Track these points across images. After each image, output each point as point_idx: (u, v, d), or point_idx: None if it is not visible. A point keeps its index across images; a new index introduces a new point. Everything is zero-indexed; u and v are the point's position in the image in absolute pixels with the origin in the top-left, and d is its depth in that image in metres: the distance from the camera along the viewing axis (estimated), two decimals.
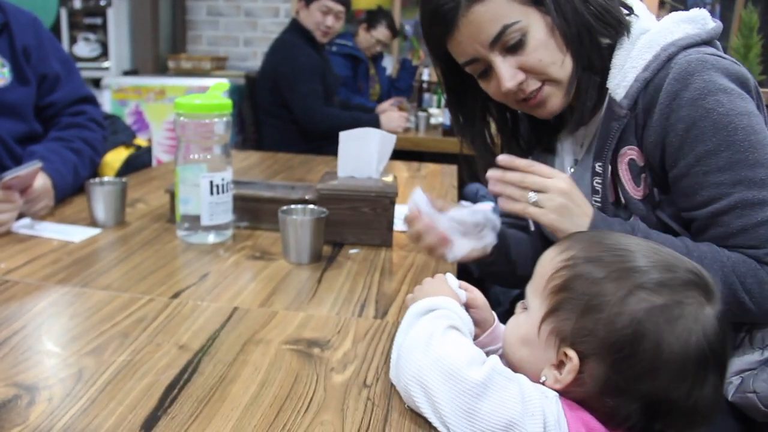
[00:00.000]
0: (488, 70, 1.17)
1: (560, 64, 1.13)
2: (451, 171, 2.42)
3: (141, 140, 2.19)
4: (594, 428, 0.76)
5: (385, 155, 1.50)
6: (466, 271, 1.75)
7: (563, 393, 0.78)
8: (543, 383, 0.79)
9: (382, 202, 1.40)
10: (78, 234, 1.40)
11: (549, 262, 0.83)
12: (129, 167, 2.02)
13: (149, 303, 1.07)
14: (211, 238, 1.40)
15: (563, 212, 1.10)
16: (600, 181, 1.18)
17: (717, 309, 0.76)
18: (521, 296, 1.06)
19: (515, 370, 0.85)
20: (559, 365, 0.78)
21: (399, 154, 2.72)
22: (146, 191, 1.79)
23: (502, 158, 1.14)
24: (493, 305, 1.23)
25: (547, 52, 1.12)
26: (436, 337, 0.79)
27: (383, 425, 0.76)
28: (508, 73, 1.12)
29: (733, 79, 1.08)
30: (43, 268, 1.20)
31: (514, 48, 1.12)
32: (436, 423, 0.75)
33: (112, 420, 0.74)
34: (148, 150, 2.18)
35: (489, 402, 0.73)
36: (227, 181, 1.38)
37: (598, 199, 1.19)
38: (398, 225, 1.53)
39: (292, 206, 1.35)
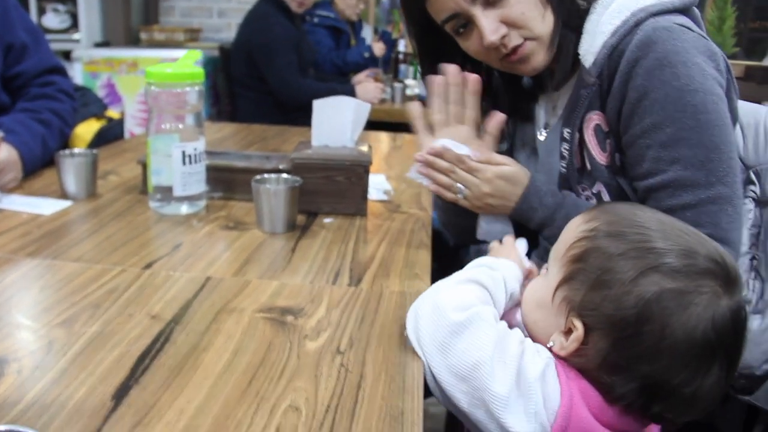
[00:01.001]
0: (469, 27, 1.15)
1: (542, 18, 1.13)
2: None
3: (113, 112, 2.16)
4: (590, 396, 0.77)
5: (359, 124, 1.48)
6: (441, 240, 1.75)
7: (567, 361, 0.79)
8: (551, 348, 0.80)
9: (357, 170, 1.39)
10: (48, 207, 1.37)
11: (573, 230, 0.84)
12: (101, 139, 1.99)
13: (121, 274, 1.06)
14: (184, 208, 1.38)
15: (486, 208, 1.22)
16: (567, 147, 1.18)
17: (734, 300, 0.75)
18: None
19: (530, 331, 0.88)
20: (567, 332, 0.79)
21: (375, 126, 2.71)
22: (118, 163, 1.77)
23: (432, 148, 1.21)
24: None
25: (529, 5, 1.12)
26: (452, 281, 0.88)
27: (356, 391, 0.76)
28: (490, 27, 1.11)
29: (699, 53, 1.06)
30: (12, 241, 1.18)
31: (496, 0, 1.11)
32: (417, 350, 0.81)
33: (83, 391, 0.73)
34: (120, 122, 2.14)
35: (464, 341, 0.77)
36: (200, 151, 1.37)
37: (565, 165, 1.19)
38: (373, 194, 1.53)
39: (266, 175, 1.34)
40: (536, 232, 1.20)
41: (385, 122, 3.32)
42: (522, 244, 1.04)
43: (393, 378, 0.79)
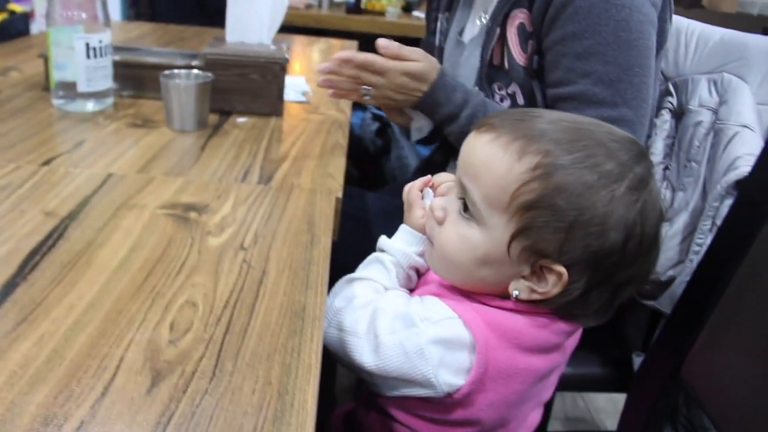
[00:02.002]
0: None
1: None
2: (351, 46, 2.34)
3: (16, 6, 2.02)
4: (511, 331, 0.74)
5: (276, 20, 1.42)
6: (362, 147, 1.72)
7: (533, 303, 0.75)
8: (516, 297, 0.74)
9: (273, 68, 1.33)
10: None
11: (507, 171, 0.70)
12: (2, 34, 1.86)
13: (15, 170, 0.99)
14: (90, 105, 1.31)
15: (390, 103, 1.18)
16: (488, 42, 1.15)
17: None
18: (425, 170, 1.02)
19: (469, 288, 0.79)
20: (532, 276, 0.73)
21: (300, 31, 2.62)
22: (22, 59, 1.66)
23: (341, 55, 1.15)
24: (387, 180, 1.21)
25: None
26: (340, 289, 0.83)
27: (258, 286, 0.73)
28: None
29: None
30: None
31: None
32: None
33: None
34: (24, 16, 2.00)
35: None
36: (105, 44, 1.28)
37: (484, 61, 1.17)
38: (290, 95, 1.47)
39: (176, 71, 1.27)
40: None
41: (311, 28, 3.22)
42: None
43: (297, 274, 0.76)
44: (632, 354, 1.29)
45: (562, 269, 0.70)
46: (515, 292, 0.74)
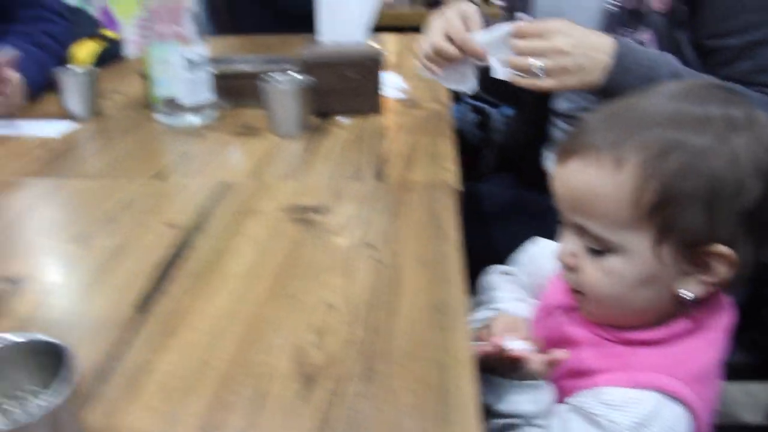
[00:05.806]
0: None
1: None
2: None
3: (109, 31, 2.07)
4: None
5: (368, 17, 1.40)
6: (464, 141, 1.68)
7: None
8: (685, 297, 0.67)
9: (368, 64, 1.31)
10: (55, 129, 1.30)
11: (614, 188, 0.64)
12: (100, 61, 1.91)
13: (132, 186, 1.00)
14: (193, 119, 1.32)
15: (574, 71, 0.95)
16: None
17: None
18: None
19: (624, 317, 0.72)
20: (695, 269, 0.66)
21: (381, 30, 2.60)
22: (122, 81, 1.69)
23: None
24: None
25: None
26: None
27: (397, 284, 0.71)
28: None
29: None
30: (24, 165, 1.11)
31: None
32: None
33: (104, 304, 0.70)
34: (117, 42, 2.06)
35: None
36: (203, 56, 1.29)
37: (616, 3, 1.07)
38: (387, 92, 1.46)
39: (274, 75, 1.26)
40: None
41: (393, 26, 3.19)
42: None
43: (432, 269, 0.74)
44: None
45: (724, 248, 0.64)
46: (689, 295, 0.67)
